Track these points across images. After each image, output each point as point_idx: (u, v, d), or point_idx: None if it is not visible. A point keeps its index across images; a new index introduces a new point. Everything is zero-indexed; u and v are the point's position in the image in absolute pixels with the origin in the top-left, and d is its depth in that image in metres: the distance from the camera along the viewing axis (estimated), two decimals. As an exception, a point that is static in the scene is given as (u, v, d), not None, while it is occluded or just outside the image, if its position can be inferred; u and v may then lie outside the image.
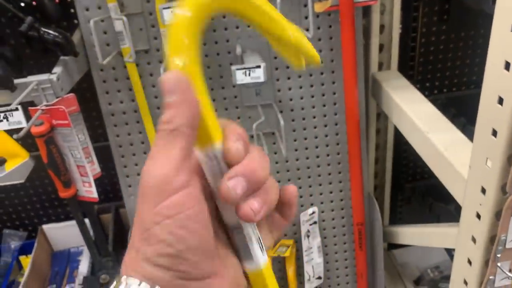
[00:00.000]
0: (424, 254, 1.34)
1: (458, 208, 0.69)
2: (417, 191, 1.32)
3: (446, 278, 0.83)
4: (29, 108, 0.75)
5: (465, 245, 0.67)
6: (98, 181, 1.34)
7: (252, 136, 1.02)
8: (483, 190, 0.60)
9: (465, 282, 0.69)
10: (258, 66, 0.82)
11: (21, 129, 0.70)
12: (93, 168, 0.88)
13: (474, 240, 0.64)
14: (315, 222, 1.11)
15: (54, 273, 1.30)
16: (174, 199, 0.27)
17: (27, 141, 1.11)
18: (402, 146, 1.28)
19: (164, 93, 0.28)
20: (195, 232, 0.28)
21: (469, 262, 0.67)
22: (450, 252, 1.26)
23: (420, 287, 1.23)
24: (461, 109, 1.18)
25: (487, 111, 0.56)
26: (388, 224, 1.28)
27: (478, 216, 0.63)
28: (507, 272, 0.61)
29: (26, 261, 1.27)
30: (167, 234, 0.27)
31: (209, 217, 0.29)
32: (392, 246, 1.38)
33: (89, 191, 0.84)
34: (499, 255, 0.59)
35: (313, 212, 1.11)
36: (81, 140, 0.84)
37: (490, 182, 0.58)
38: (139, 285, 0.27)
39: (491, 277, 0.63)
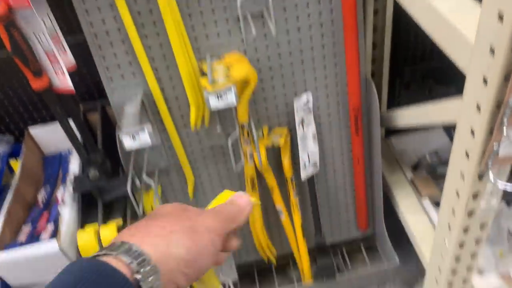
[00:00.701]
0: (423, 141, 1.31)
1: (459, 88, 0.63)
2: (417, 75, 1.26)
3: (445, 163, 0.81)
4: (-20, -14, 0.67)
5: (469, 115, 0.62)
6: (80, 80, 1.27)
7: (238, 19, 0.93)
8: (492, 51, 0.54)
9: (467, 154, 0.65)
10: None
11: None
12: (66, 58, 0.80)
13: (478, 108, 0.60)
14: (309, 109, 1.06)
15: (48, 176, 1.28)
16: (216, 240, 0.42)
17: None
18: (401, 26, 1.19)
19: (242, 205, 0.47)
20: (203, 265, 0.41)
21: (472, 132, 0.62)
22: (450, 133, 1.23)
23: (418, 172, 1.22)
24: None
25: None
26: (386, 110, 1.24)
27: (485, 81, 0.57)
28: (513, 139, 0.57)
29: (17, 165, 1.24)
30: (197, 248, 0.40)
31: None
32: (390, 134, 1.36)
33: (63, 82, 0.78)
34: (505, 120, 0.55)
35: (307, 99, 1.05)
36: (47, 25, 0.76)
37: (501, 41, 0.52)
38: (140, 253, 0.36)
39: (495, 146, 0.59)
